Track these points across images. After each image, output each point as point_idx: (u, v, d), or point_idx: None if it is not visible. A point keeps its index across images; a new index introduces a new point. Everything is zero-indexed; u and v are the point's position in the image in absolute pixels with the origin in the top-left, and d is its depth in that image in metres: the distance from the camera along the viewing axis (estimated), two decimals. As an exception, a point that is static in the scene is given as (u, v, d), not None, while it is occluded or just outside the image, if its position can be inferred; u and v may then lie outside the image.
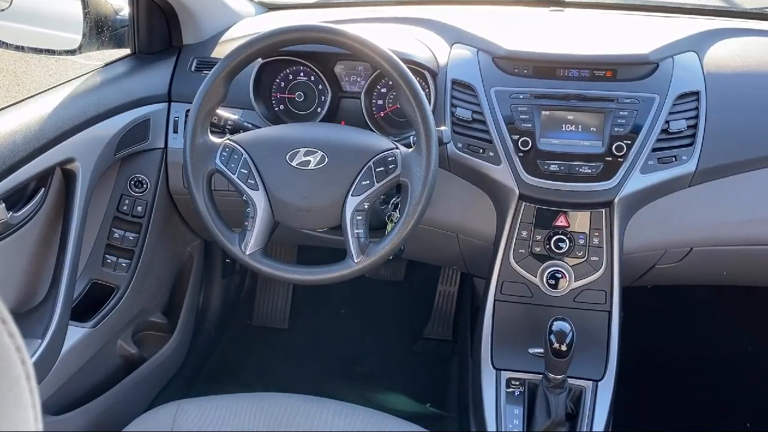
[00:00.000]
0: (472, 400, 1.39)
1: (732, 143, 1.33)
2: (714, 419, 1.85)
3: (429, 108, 1.17)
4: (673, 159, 1.32)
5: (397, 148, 1.20)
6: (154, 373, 1.73)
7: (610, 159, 1.30)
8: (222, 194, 1.31)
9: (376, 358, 2.12)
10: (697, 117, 1.32)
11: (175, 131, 1.52)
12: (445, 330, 2.16)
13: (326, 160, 1.19)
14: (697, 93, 1.34)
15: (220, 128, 1.33)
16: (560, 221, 1.35)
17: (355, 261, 1.18)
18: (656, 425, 1.82)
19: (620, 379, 1.35)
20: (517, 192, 1.34)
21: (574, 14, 1.70)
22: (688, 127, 1.32)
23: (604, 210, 1.33)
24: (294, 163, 1.20)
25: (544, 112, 1.34)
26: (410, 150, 1.19)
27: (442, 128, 1.25)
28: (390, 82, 1.43)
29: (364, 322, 2.25)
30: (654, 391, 1.91)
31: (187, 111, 1.48)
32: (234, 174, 1.21)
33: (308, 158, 1.19)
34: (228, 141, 1.23)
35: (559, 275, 1.35)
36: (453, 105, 1.39)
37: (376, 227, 1.35)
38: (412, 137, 1.27)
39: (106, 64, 1.50)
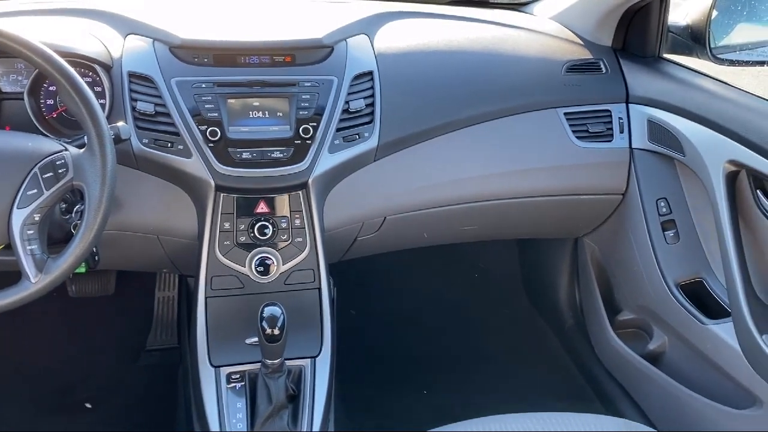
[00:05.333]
0: (194, 402, 1.34)
1: (406, 117, 1.45)
2: (431, 368, 2.04)
3: (96, 103, 1.08)
4: (357, 137, 1.39)
5: (66, 149, 1.09)
6: None
7: (299, 142, 1.33)
8: None
9: (95, 383, 1.95)
10: (373, 96, 1.41)
11: None
12: (169, 337, 2.06)
13: None
14: (370, 73, 1.42)
15: None
16: (261, 208, 1.35)
17: (33, 281, 1.05)
18: (380, 387, 1.94)
19: (341, 351, 1.40)
20: (213, 183, 1.31)
21: (255, 0, 1.71)
22: (367, 105, 1.40)
23: (300, 192, 1.36)
24: None
25: (229, 101, 1.32)
26: (82, 151, 1.09)
27: (119, 124, 1.17)
28: None
29: (78, 345, 2.05)
30: (374, 357, 2.04)
31: None
32: None
33: None
34: None
35: (268, 261, 1.35)
36: (133, 99, 1.31)
37: (61, 240, 1.22)
38: (86, 137, 1.16)
39: None
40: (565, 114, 1.57)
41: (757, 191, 1.33)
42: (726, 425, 1.43)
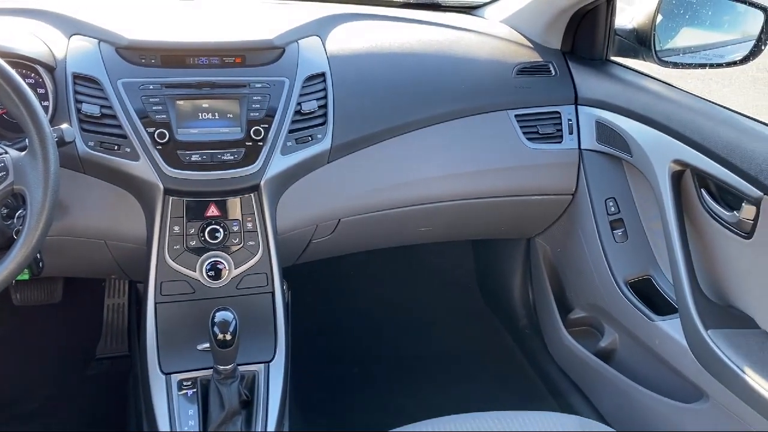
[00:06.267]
0: (144, 410, 1.31)
1: (359, 119, 1.45)
2: (387, 370, 2.04)
3: (37, 105, 1.05)
4: (310, 138, 1.38)
5: (6, 153, 1.06)
6: None
7: (251, 144, 1.31)
8: None
9: (43, 393, 1.89)
10: (326, 97, 1.41)
11: None
12: (119, 345, 2.02)
13: None
14: (323, 74, 1.42)
15: None
16: (212, 211, 1.33)
17: (-30, 289, 1.02)
18: (337, 390, 1.94)
19: (298, 355, 1.38)
20: (162, 187, 1.28)
21: (205, 3, 1.69)
22: (319, 107, 1.39)
23: (252, 194, 1.34)
24: None
25: (178, 102, 1.30)
26: (23, 154, 1.06)
27: (63, 126, 1.14)
28: None
29: (24, 355, 1.98)
30: (331, 360, 2.03)
31: None
32: None
33: None
34: None
35: (220, 266, 1.33)
36: (78, 101, 1.28)
37: (2, 246, 1.18)
38: (27, 139, 1.13)
39: None
40: (516, 116, 1.59)
41: (702, 190, 1.37)
42: (674, 419, 1.46)
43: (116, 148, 1.27)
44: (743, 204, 1.25)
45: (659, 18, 1.55)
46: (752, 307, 1.33)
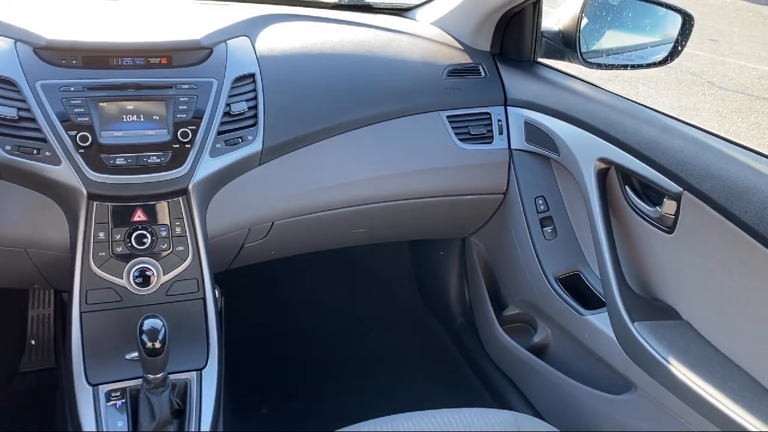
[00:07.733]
0: (70, 424, 1.26)
1: (290, 120, 1.43)
2: (326, 374, 2.02)
3: None
4: (240, 140, 1.36)
5: None
6: None
7: (178, 146, 1.28)
8: None
9: (-38, 411, 1.80)
10: (256, 98, 1.39)
11: None
12: (45, 358, 1.94)
13: None
14: (252, 75, 1.40)
15: None
16: (138, 216, 1.29)
17: None
18: (275, 397, 1.91)
19: (232, 362, 1.35)
20: (85, 192, 1.24)
21: (129, 2, 1.64)
22: (249, 108, 1.37)
23: (180, 198, 1.31)
24: None
25: (101, 104, 1.26)
26: (-69, 159, 1.01)
27: None
28: None
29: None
30: (269, 366, 2.00)
31: None
32: None
33: None
34: None
35: (148, 272, 1.29)
36: None
37: None
38: None
39: None
40: (448, 117, 1.61)
41: (626, 187, 1.42)
42: (605, 411, 1.50)
43: (35, 152, 1.22)
44: (665, 199, 1.30)
45: (584, 21, 1.59)
46: (675, 300, 1.38)
